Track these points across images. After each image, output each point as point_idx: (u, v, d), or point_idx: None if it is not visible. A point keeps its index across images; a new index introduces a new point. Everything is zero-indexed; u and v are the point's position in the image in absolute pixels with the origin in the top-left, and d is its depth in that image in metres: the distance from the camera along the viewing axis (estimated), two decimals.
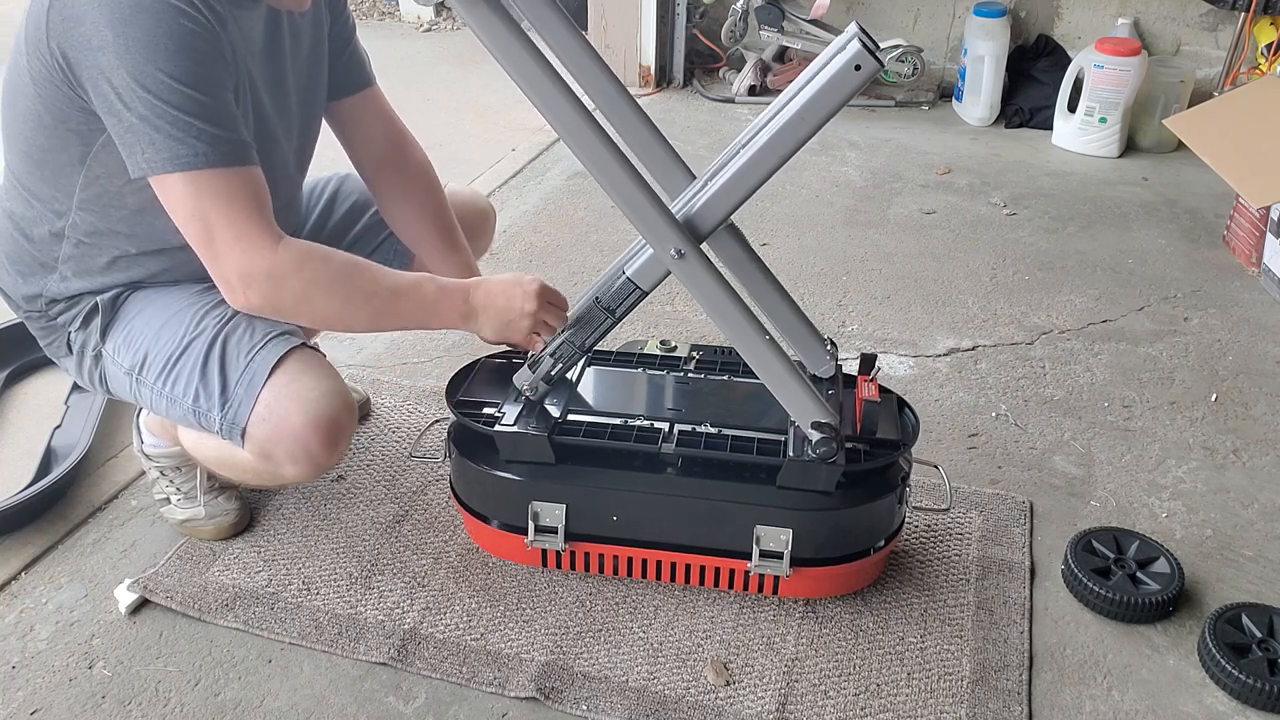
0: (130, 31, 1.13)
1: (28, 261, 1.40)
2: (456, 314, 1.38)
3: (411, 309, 1.36)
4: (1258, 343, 2.25)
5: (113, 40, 1.14)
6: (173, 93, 1.16)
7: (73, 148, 1.27)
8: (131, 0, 1.14)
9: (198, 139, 1.18)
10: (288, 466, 1.34)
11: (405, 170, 1.58)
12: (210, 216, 1.21)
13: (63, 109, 1.23)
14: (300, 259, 1.27)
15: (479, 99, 3.81)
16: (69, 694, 1.36)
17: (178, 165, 1.18)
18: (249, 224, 1.23)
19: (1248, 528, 1.69)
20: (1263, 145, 2.38)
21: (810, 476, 1.38)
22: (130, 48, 1.14)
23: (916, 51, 3.66)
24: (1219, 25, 3.50)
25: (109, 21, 1.13)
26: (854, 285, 2.49)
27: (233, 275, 1.24)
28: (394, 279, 1.35)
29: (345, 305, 1.31)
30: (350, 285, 1.31)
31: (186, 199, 1.21)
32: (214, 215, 1.21)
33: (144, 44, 1.14)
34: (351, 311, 1.32)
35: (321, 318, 1.32)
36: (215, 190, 1.21)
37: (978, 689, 1.37)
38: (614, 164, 1.25)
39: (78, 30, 1.15)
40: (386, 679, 1.39)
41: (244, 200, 1.23)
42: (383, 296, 1.33)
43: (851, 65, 1.16)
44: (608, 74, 1.31)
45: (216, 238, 1.22)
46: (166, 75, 1.15)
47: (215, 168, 1.20)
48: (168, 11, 1.15)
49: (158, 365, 1.36)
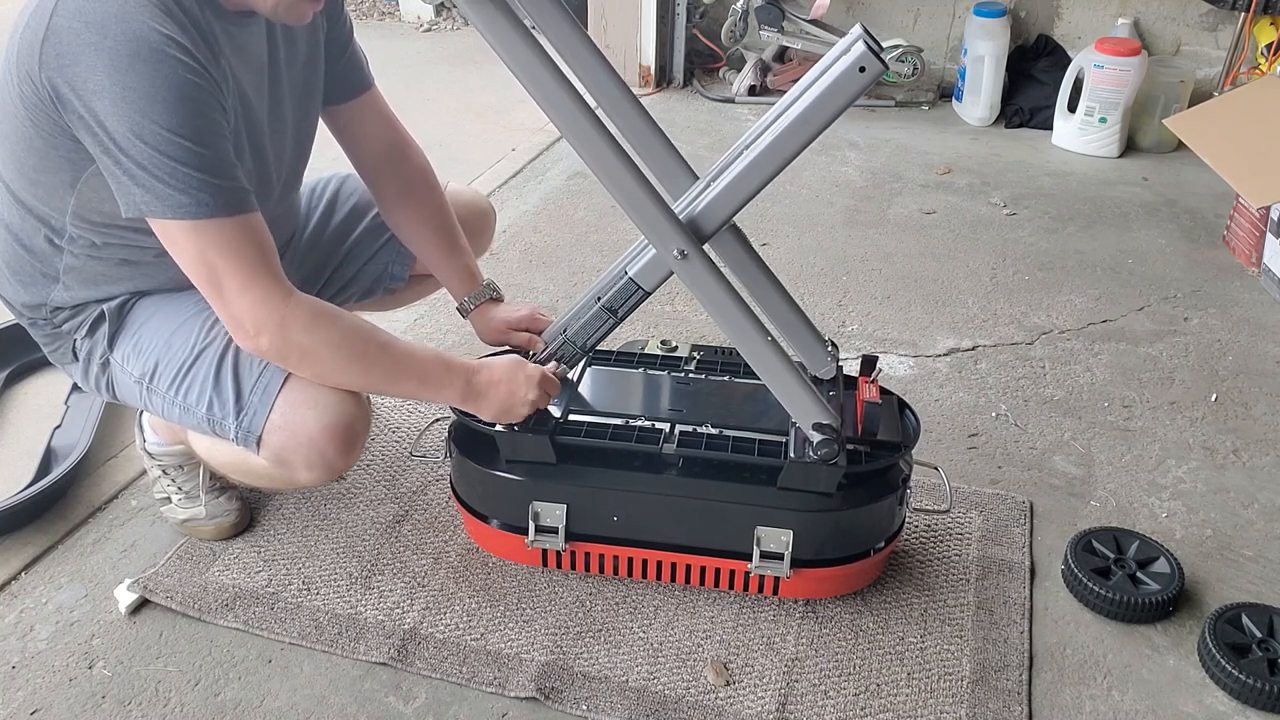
0: (128, 80, 1.11)
1: (29, 272, 1.39)
2: (457, 393, 1.39)
3: (414, 381, 1.37)
4: (1258, 343, 2.25)
5: (109, 87, 1.12)
6: (171, 145, 1.14)
7: (64, 172, 1.26)
8: (130, 49, 1.11)
9: (199, 189, 1.17)
10: (303, 472, 1.34)
11: (405, 173, 1.58)
12: (217, 265, 1.21)
13: (52, 135, 1.21)
14: (312, 317, 1.27)
15: (479, 99, 3.81)
16: (69, 694, 1.36)
17: (180, 214, 1.18)
18: (256, 274, 1.23)
19: (1248, 528, 1.69)
20: (1263, 145, 2.38)
21: (811, 478, 1.38)
22: (127, 98, 1.12)
23: (916, 51, 3.66)
24: (1219, 25, 3.50)
25: (106, 68, 1.11)
26: (854, 285, 2.49)
27: (244, 320, 1.24)
28: (402, 348, 1.36)
29: (349, 366, 1.31)
30: (358, 348, 1.31)
31: (190, 246, 1.21)
32: (220, 264, 1.21)
33: (142, 95, 1.12)
34: (355, 374, 1.32)
35: (324, 375, 1.32)
36: (220, 240, 1.20)
37: (978, 689, 1.37)
38: (617, 163, 1.25)
39: (72, 69, 1.12)
40: (386, 679, 1.39)
41: (249, 249, 1.23)
42: (387, 365, 1.34)
43: (856, 67, 1.16)
44: (611, 74, 1.31)
45: (225, 286, 1.23)
46: (164, 128, 1.14)
47: (217, 217, 1.19)
48: (166, 62, 1.13)
49: (169, 374, 1.36)
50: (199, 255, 1.21)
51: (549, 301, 2.35)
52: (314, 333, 1.27)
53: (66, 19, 1.12)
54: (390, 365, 1.34)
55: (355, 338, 1.31)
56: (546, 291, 2.42)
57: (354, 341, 1.31)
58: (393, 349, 1.34)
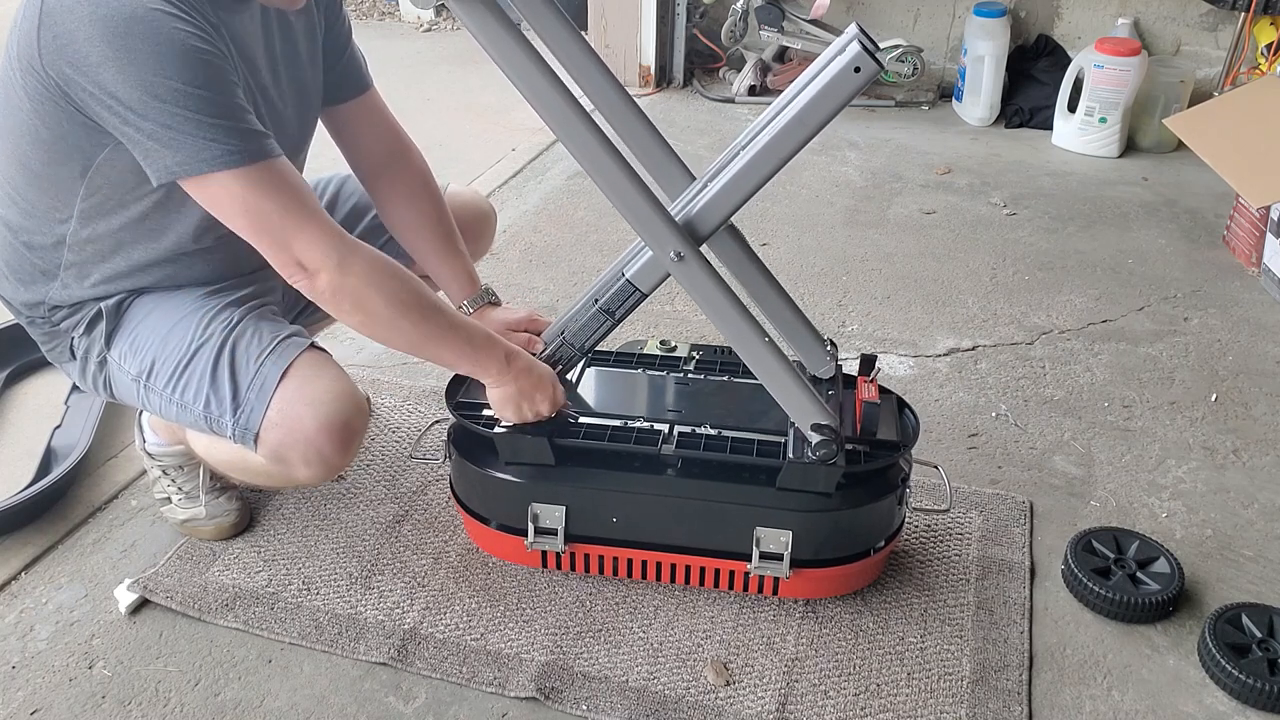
0: (130, 44, 1.11)
1: (28, 270, 1.40)
2: (495, 366, 1.38)
3: (460, 343, 1.36)
4: (1258, 343, 2.25)
5: (112, 55, 1.11)
6: (189, 97, 1.14)
7: (74, 162, 1.26)
8: (125, 14, 1.11)
9: (229, 136, 1.17)
10: (301, 469, 1.34)
11: (404, 175, 1.58)
12: (266, 209, 1.20)
13: (61, 125, 1.21)
14: (371, 261, 1.27)
15: (479, 99, 3.81)
16: (69, 694, 1.36)
17: (215, 165, 1.17)
18: (309, 212, 1.23)
19: (1248, 528, 1.69)
20: (1263, 145, 2.38)
21: (810, 478, 1.38)
22: (134, 60, 1.12)
23: (916, 51, 3.66)
24: (1219, 25, 3.50)
25: (104, 36, 1.11)
26: (854, 285, 2.49)
27: (304, 258, 1.23)
28: (454, 312, 1.38)
29: (400, 319, 1.30)
30: (412, 301, 1.31)
31: (234, 195, 1.19)
32: (269, 206, 1.20)
33: (147, 55, 1.12)
34: (405, 327, 1.31)
35: (373, 323, 1.30)
36: (263, 182, 1.20)
37: (978, 689, 1.37)
38: (612, 166, 1.25)
39: (71, 48, 1.12)
40: (386, 679, 1.39)
41: (296, 189, 1.23)
42: (439, 323, 1.34)
43: (851, 67, 1.16)
44: (606, 74, 1.31)
45: (278, 228, 1.22)
46: (179, 81, 1.13)
47: (255, 162, 1.19)
48: (164, 24, 1.13)
49: (166, 372, 1.36)
50: (245, 203, 1.20)
51: (549, 302, 2.36)
52: (371, 277, 1.26)
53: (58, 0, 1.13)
54: (442, 325, 1.34)
55: (411, 291, 1.31)
56: (546, 292, 2.42)
57: (410, 294, 1.30)
58: (446, 310, 1.35)
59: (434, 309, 1.34)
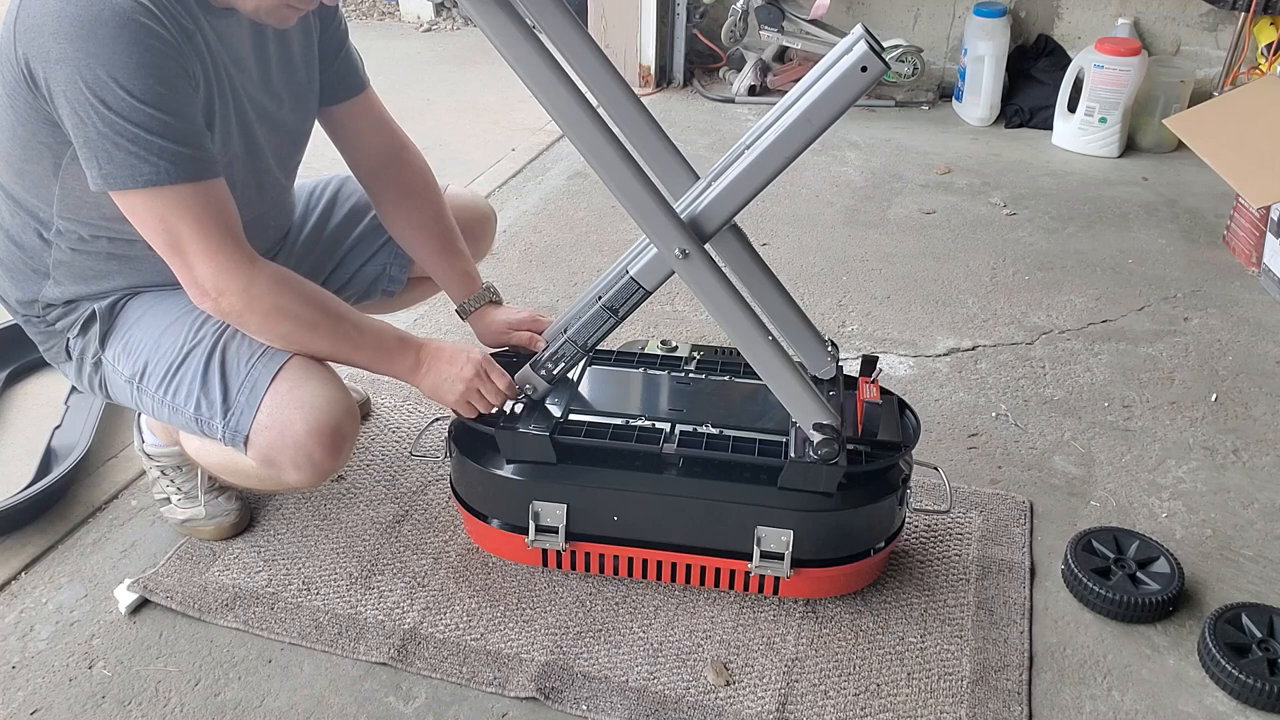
0: (90, 46, 1.11)
1: (21, 268, 1.40)
2: (408, 365, 1.42)
3: (370, 348, 1.39)
4: (1258, 343, 2.25)
5: (71, 53, 1.11)
6: (133, 110, 1.14)
7: (45, 160, 1.26)
8: (94, 13, 1.11)
9: (160, 156, 1.17)
10: (291, 473, 1.34)
11: (403, 176, 1.57)
12: (178, 230, 1.22)
13: (30, 120, 1.21)
14: (275, 281, 1.30)
15: (479, 99, 3.81)
16: (69, 694, 1.36)
17: (138, 182, 1.18)
18: (219, 239, 1.24)
19: (1248, 528, 1.69)
20: (1263, 145, 2.38)
21: (812, 478, 1.38)
22: (89, 63, 1.12)
23: (916, 51, 3.67)
24: (1219, 25, 3.51)
25: (69, 34, 1.11)
26: (854, 285, 2.49)
27: (207, 284, 1.25)
28: (360, 316, 1.40)
29: (310, 330, 1.33)
30: (319, 313, 1.34)
31: (151, 214, 1.21)
32: (182, 230, 1.22)
33: (103, 60, 1.12)
34: (315, 337, 1.34)
35: (284, 337, 1.33)
36: (180, 206, 1.21)
37: (978, 689, 1.37)
38: (619, 163, 1.25)
39: (39, 40, 1.13)
40: (386, 679, 1.39)
41: (211, 215, 1.23)
42: (346, 331, 1.36)
43: (858, 67, 1.16)
44: (613, 73, 1.31)
45: (188, 251, 1.23)
46: (126, 92, 1.13)
47: (177, 184, 1.19)
48: (130, 26, 1.13)
49: (158, 374, 1.36)
50: (160, 222, 1.21)
51: (549, 301, 2.35)
52: (278, 295, 1.29)
53: None
54: (351, 332, 1.37)
55: (319, 302, 1.34)
56: (546, 291, 2.42)
57: (318, 306, 1.34)
58: (350, 318, 1.37)
59: (337, 321, 1.36)
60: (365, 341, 1.39)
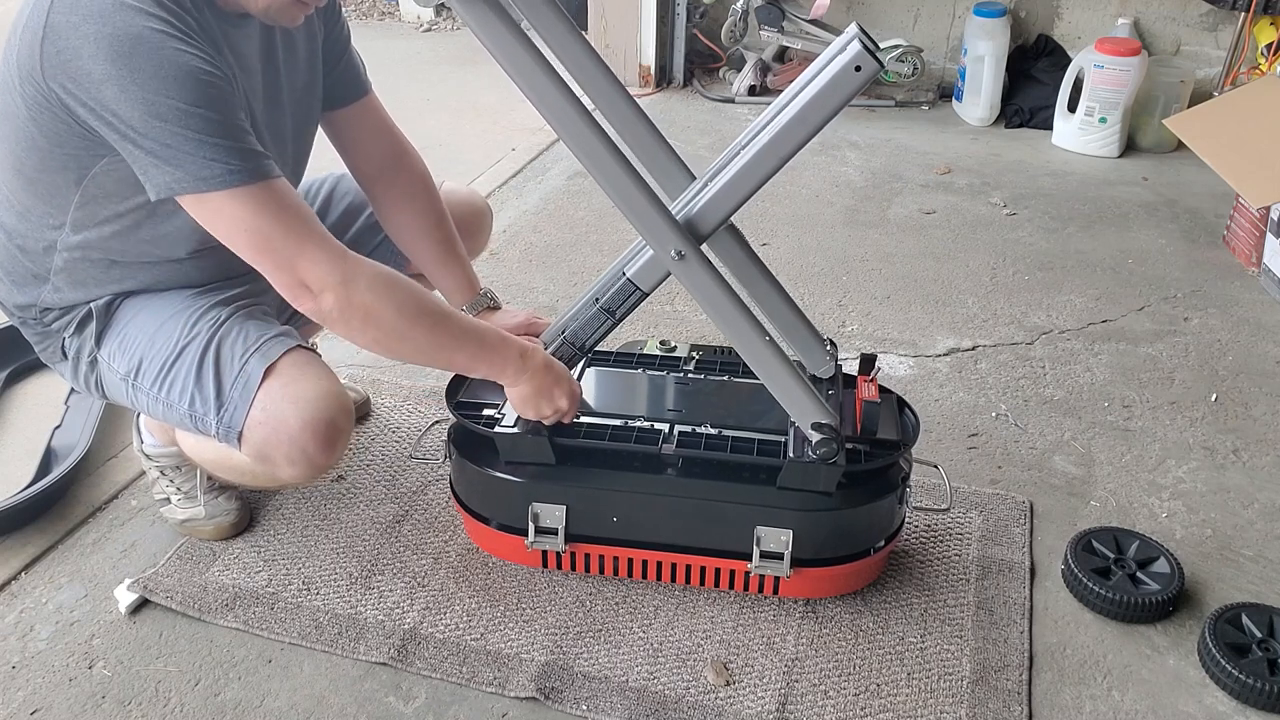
0: (133, 64, 1.11)
1: (21, 272, 1.40)
2: (512, 367, 1.37)
3: (474, 347, 1.35)
4: (1258, 343, 2.25)
5: (115, 74, 1.11)
6: (191, 117, 1.14)
7: (69, 170, 1.26)
8: (130, 34, 1.11)
9: (230, 156, 1.16)
10: (285, 469, 1.34)
11: (403, 180, 1.57)
12: (267, 229, 1.20)
13: (59, 134, 1.21)
14: (374, 276, 1.26)
15: (479, 99, 3.81)
16: (69, 694, 1.36)
17: (216, 185, 1.16)
18: (309, 232, 1.22)
19: (1248, 528, 1.69)
20: (1263, 145, 2.38)
21: (811, 477, 1.38)
22: (136, 79, 1.12)
23: (916, 51, 3.66)
24: (1219, 25, 3.50)
25: (108, 56, 1.11)
26: (854, 285, 2.49)
27: (308, 279, 1.22)
28: (462, 314, 1.38)
29: (412, 330, 1.29)
30: (421, 308, 1.30)
31: (235, 216, 1.19)
32: (271, 227, 1.20)
33: (150, 75, 1.12)
34: (418, 336, 1.30)
35: (385, 337, 1.29)
36: (264, 203, 1.19)
37: (978, 689, 1.37)
38: (614, 165, 1.25)
39: (75, 64, 1.12)
40: (386, 679, 1.39)
41: (295, 210, 1.22)
42: (451, 330, 1.33)
43: (852, 66, 1.17)
44: (607, 74, 1.31)
45: (280, 249, 1.21)
46: (181, 102, 1.13)
47: (255, 182, 1.18)
48: (166, 43, 1.13)
49: (153, 371, 1.36)
50: (246, 223, 1.19)
51: (549, 302, 2.35)
52: (377, 292, 1.25)
53: (64, 14, 1.12)
54: (454, 330, 1.33)
55: (419, 300, 1.30)
56: (546, 292, 2.42)
57: (418, 304, 1.29)
58: (455, 315, 1.35)
59: (444, 315, 1.33)
60: (471, 339, 1.34)
